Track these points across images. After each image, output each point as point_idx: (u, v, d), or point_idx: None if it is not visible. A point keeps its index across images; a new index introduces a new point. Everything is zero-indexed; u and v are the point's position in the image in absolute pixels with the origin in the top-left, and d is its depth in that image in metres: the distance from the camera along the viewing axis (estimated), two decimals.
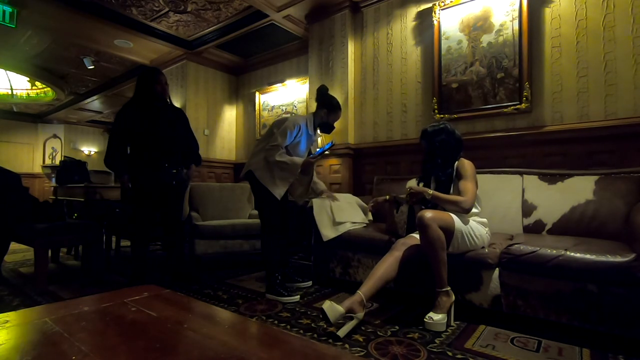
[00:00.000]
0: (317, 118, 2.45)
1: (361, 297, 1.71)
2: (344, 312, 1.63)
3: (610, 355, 1.47)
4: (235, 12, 4.10)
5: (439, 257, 1.77)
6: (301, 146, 2.43)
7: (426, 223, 1.76)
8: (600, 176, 2.16)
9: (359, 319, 1.70)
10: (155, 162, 2.42)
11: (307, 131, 2.41)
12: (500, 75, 2.79)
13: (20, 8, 3.85)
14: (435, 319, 1.72)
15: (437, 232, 1.75)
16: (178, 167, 2.53)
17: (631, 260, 1.46)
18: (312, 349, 0.79)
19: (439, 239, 1.75)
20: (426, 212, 1.80)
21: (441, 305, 1.77)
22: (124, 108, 2.46)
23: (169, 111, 2.54)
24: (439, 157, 2.05)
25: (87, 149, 10.29)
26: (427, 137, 2.10)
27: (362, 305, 1.70)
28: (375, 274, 1.80)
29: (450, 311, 1.80)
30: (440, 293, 1.79)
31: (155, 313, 0.93)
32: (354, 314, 1.67)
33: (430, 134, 2.09)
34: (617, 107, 2.36)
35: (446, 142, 2.04)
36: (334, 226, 2.49)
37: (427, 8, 3.23)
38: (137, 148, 2.43)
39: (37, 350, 0.72)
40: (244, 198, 3.70)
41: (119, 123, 2.42)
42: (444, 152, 2.04)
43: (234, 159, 5.55)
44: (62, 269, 3.21)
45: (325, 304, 1.63)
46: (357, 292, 1.73)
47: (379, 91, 3.58)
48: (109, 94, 7.16)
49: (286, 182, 2.32)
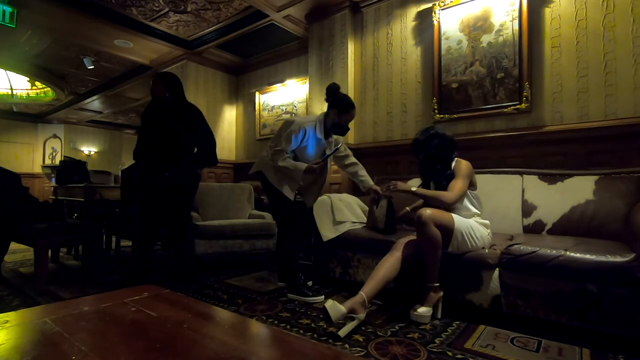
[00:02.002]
0: (328, 119, 2.28)
1: (363, 297, 1.71)
2: (345, 312, 1.62)
3: (610, 355, 1.47)
4: (235, 12, 4.10)
5: (434, 255, 1.82)
6: (309, 150, 2.33)
7: (423, 221, 1.77)
8: (600, 176, 2.17)
9: (360, 320, 1.69)
10: (152, 164, 2.43)
11: (316, 134, 2.28)
12: (500, 75, 2.79)
13: (20, 8, 3.85)
14: (419, 310, 1.78)
15: (433, 230, 1.77)
16: (173, 169, 2.43)
17: (631, 260, 1.46)
18: (312, 349, 0.79)
19: (435, 237, 1.78)
20: (425, 209, 1.81)
21: (428, 299, 1.83)
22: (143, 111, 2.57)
23: (174, 112, 2.51)
24: (438, 162, 2.04)
25: (87, 149, 10.29)
26: (421, 145, 2.08)
27: (363, 306, 1.70)
28: (376, 274, 1.81)
29: (437, 306, 1.85)
30: (430, 288, 1.85)
31: (155, 313, 0.93)
32: (355, 314, 1.67)
33: (424, 142, 2.07)
34: (617, 107, 2.36)
35: (440, 145, 2.03)
36: (334, 226, 2.49)
37: (427, 8, 3.23)
38: (142, 150, 2.50)
39: (37, 350, 0.72)
40: (244, 198, 3.70)
41: (139, 127, 2.54)
42: (440, 155, 2.04)
43: (234, 159, 5.55)
44: (62, 269, 3.21)
45: (328, 303, 1.63)
46: (359, 293, 1.73)
47: (379, 91, 3.58)
48: (109, 94, 7.17)
49: (294, 185, 2.32)
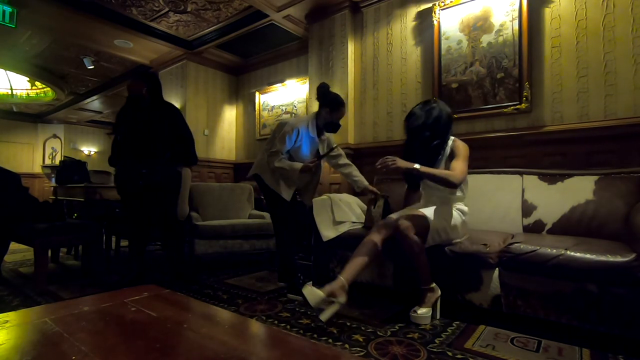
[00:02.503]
0: (320, 118, 2.35)
1: (342, 281, 1.71)
2: (324, 295, 1.63)
3: (610, 355, 1.47)
4: (235, 12, 4.10)
5: (420, 259, 1.86)
6: (303, 150, 2.37)
7: (404, 233, 1.83)
8: (600, 176, 2.17)
9: (341, 303, 1.68)
10: (129, 163, 2.43)
11: (309, 134, 2.33)
12: (500, 76, 2.79)
13: (20, 8, 3.85)
14: (419, 312, 1.80)
15: (414, 239, 1.83)
16: (150, 167, 2.41)
17: (631, 260, 1.46)
18: (312, 349, 0.79)
19: (417, 245, 1.84)
20: (402, 221, 1.84)
21: (426, 300, 1.86)
22: (118, 112, 2.56)
23: (151, 111, 2.47)
24: (428, 130, 1.95)
25: (87, 149, 10.29)
26: (420, 114, 1.99)
27: (343, 289, 1.69)
28: (355, 259, 1.82)
29: (435, 306, 1.87)
30: (426, 290, 1.87)
31: (155, 313, 0.93)
32: (335, 298, 1.66)
33: (422, 112, 1.98)
34: (617, 107, 2.36)
35: (439, 117, 1.96)
36: (334, 226, 2.49)
37: (427, 8, 3.23)
38: (118, 150, 2.50)
39: (37, 350, 0.72)
40: (244, 198, 3.70)
41: (113, 126, 2.53)
42: (435, 125, 1.96)
43: (234, 159, 5.55)
44: (62, 269, 3.21)
45: (305, 289, 1.65)
46: (339, 277, 1.74)
47: (379, 91, 3.58)
48: (109, 94, 7.16)
49: (291, 185, 2.34)
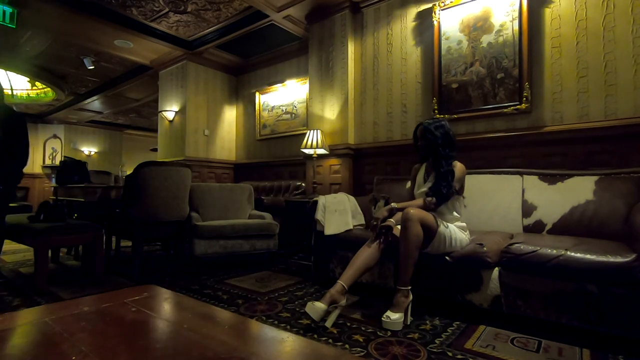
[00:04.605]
0: None
1: (342, 285, 1.78)
2: (326, 308, 1.69)
3: (610, 355, 1.47)
4: (235, 13, 4.10)
5: (412, 254, 1.82)
6: None
7: (409, 217, 1.82)
8: (600, 176, 2.17)
9: (343, 306, 1.78)
10: None
11: None
12: (500, 76, 2.79)
13: (20, 8, 3.85)
14: (392, 318, 1.75)
15: (417, 228, 1.81)
16: None
17: (631, 261, 1.46)
18: (312, 349, 0.79)
19: (417, 236, 1.81)
20: (412, 209, 1.86)
21: (399, 304, 1.79)
22: None
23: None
24: (439, 152, 2.05)
25: (87, 149, 10.28)
26: (428, 130, 2.09)
27: (342, 293, 1.77)
28: (355, 263, 1.86)
29: (407, 311, 1.81)
30: (401, 291, 1.81)
31: (155, 313, 0.93)
32: (336, 303, 1.74)
33: (430, 129, 2.08)
34: (617, 108, 2.36)
35: (446, 135, 2.07)
36: (336, 224, 2.49)
37: (427, 8, 3.23)
38: None
39: (37, 350, 0.72)
40: (244, 198, 3.70)
41: None
42: (444, 144, 2.06)
43: (234, 159, 5.55)
44: (62, 269, 3.21)
45: (307, 307, 1.69)
46: (338, 282, 1.79)
47: (379, 91, 3.58)
48: (109, 94, 7.16)
49: None
